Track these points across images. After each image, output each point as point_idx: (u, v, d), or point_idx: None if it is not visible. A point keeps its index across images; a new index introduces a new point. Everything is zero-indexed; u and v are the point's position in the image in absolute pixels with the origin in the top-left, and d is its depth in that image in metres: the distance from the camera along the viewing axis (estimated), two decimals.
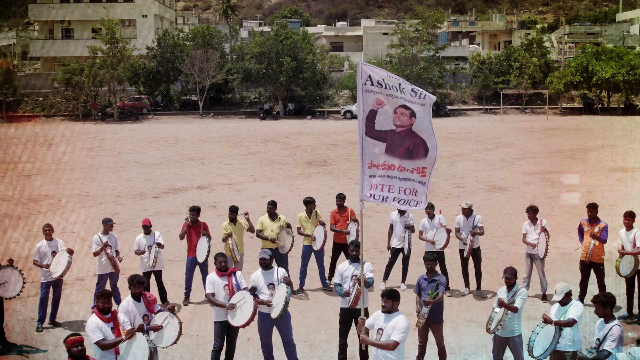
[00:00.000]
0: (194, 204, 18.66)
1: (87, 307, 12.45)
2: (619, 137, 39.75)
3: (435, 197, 21.74)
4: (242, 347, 10.36)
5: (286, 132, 43.89)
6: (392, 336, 7.63)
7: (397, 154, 7.98)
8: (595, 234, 11.89)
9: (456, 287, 13.40)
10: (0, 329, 10.82)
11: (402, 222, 13.04)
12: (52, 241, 11.65)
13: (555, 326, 8.28)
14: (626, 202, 20.20)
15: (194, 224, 12.67)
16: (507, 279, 9.15)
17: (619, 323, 7.82)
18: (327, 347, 10.68)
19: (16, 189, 24.64)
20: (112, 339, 7.82)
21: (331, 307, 12.18)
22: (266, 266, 9.58)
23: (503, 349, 9.26)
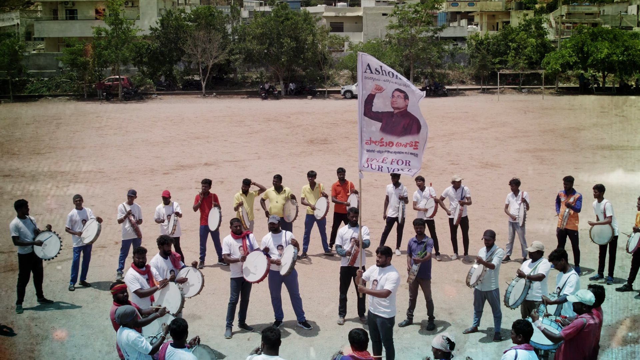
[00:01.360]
0: (200, 181, 20.06)
1: (112, 269, 13.81)
2: (611, 117, 40.97)
3: (430, 173, 23.09)
4: (255, 302, 11.70)
5: (288, 111, 45.06)
6: (385, 286, 8.97)
7: (395, 132, 9.19)
8: (570, 204, 13.22)
9: (445, 252, 14.80)
10: (39, 288, 12.18)
11: (397, 193, 14.38)
12: (82, 210, 12.95)
13: (526, 279, 9.64)
14: (609, 177, 21.57)
15: (206, 195, 13.97)
16: (486, 240, 10.49)
17: (575, 272, 9.16)
18: (329, 302, 12.04)
19: (32, 166, 25.86)
20: (148, 288, 9.19)
21: (332, 270, 13.53)
22: (275, 230, 10.90)
23: (483, 302, 10.62)
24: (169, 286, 9.28)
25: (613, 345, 9.47)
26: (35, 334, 10.91)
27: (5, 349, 8.83)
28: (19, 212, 11.79)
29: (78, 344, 8.94)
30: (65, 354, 9.43)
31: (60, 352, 8.69)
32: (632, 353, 8.77)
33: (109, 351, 9.28)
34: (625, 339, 9.30)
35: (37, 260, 11.93)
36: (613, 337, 9.71)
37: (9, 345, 10.44)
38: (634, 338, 9.40)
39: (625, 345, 9.10)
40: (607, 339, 9.45)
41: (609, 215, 12.83)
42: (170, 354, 6.92)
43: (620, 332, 9.68)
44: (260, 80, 61.19)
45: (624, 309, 10.26)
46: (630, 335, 9.60)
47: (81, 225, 12.82)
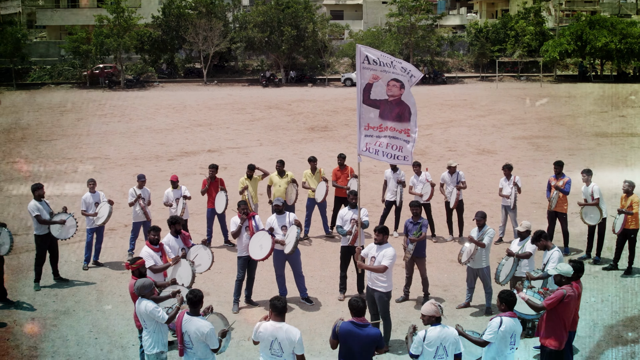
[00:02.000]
0: (205, 166, 20.59)
1: (123, 250, 14.50)
2: (607, 105, 41.52)
3: (428, 160, 23.73)
4: (260, 280, 12.37)
5: (288, 99, 45.62)
6: (382, 262, 9.63)
7: (389, 118, 9.82)
8: (559, 187, 13.87)
9: (441, 234, 15.48)
10: (55, 267, 12.86)
11: (395, 178, 15.04)
12: (95, 193, 13.61)
13: (515, 257, 10.31)
14: (600, 164, 22.21)
15: (212, 179, 14.62)
16: (477, 220, 11.16)
17: (558, 249, 9.83)
18: (330, 280, 12.73)
19: (40, 152, 26.49)
20: (162, 265, 9.86)
21: (332, 250, 14.21)
22: (279, 211, 11.57)
23: (474, 279, 11.31)
24: (181, 263, 9.98)
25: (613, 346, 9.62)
26: (54, 309, 11.60)
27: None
28: (35, 195, 12.44)
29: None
30: (68, 352, 10.05)
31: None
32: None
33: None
34: (625, 339, 9.50)
35: (53, 240, 12.61)
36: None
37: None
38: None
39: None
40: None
41: (596, 198, 13.47)
42: (187, 321, 7.58)
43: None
44: (261, 68, 61.68)
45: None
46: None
47: (94, 207, 13.48)
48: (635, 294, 10.58)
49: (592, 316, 10.01)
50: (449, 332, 7.37)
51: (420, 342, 7.28)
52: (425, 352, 7.28)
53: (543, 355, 8.43)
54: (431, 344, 7.26)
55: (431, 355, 7.28)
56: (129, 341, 10.31)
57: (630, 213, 12.70)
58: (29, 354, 9.86)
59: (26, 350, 10.00)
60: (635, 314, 10.31)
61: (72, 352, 10.00)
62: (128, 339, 10.40)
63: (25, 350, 9.88)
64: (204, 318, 7.65)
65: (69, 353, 9.96)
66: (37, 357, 9.84)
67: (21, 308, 11.66)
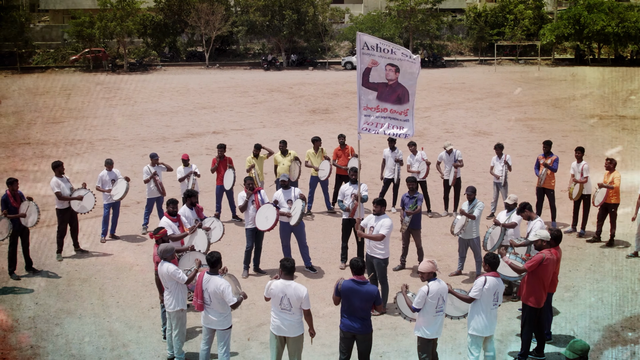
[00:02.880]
0: (211, 147, 21.46)
1: (137, 225, 15.44)
2: (603, 87, 42.30)
3: (426, 141, 24.60)
4: (267, 251, 13.30)
5: (290, 82, 46.38)
6: (380, 231, 10.56)
7: (389, 100, 10.66)
8: (547, 164, 14.77)
9: (436, 210, 16.40)
10: (75, 239, 13.79)
11: (393, 156, 15.93)
12: (112, 171, 14.52)
13: (502, 227, 11.24)
14: (592, 144, 23.05)
15: (221, 158, 15.51)
16: (468, 195, 12.07)
17: (540, 220, 10.75)
18: (332, 252, 13.67)
19: (50, 134, 27.34)
20: (179, 234, 10.79)
21: (334, 225, 15.13)
22: (285, 186, 12.48)
23: (465, 248, 12.25)
24: (197, 232, 10.93)
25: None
26: (76, 277, 12.55)
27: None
28: (56, 172, 13.32)
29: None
30: (94, 312, 10.94)
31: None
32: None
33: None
34: (625, 339, 9.60)
35: (73, 214, 13.53)
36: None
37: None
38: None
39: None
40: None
41: (585, 176, 14.35)
42: (207, 280, 8.51)
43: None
44: (262, 51, 62.39)
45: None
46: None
47: (110, 184, 14.39)
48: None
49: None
50: (443, 285, 8.40)
51: (424, 296, 8.22)
52: (428, 304, 8.22)
53: (524, 313, 9.36)
54: (433, 296, 8.22)
55: (433, 307, 8.24)
56: (149, 303, 11.27)
57: (611, 187, 13.60)
58: (33, 352, 10.69)
59: (29, 350, 10.83)
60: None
61: (98, 313, 10.95)
62: (148, 301, 11.36)
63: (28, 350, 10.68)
64: (221, 277, 8.58)
65: (95, 313, 10.92)
66: (58, 326, 10.79)
67: (46, 276, 12.61)
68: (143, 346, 9.90)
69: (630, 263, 13.07)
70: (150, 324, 10.59)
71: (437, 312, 8.31)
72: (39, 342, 10.02)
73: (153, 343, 9.98)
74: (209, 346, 8.89)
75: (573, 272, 12.59)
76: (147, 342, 10.01)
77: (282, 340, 8.41)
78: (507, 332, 10.26)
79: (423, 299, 8.24)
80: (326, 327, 10.28)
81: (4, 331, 10.40)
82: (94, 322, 10.66)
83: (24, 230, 12.47)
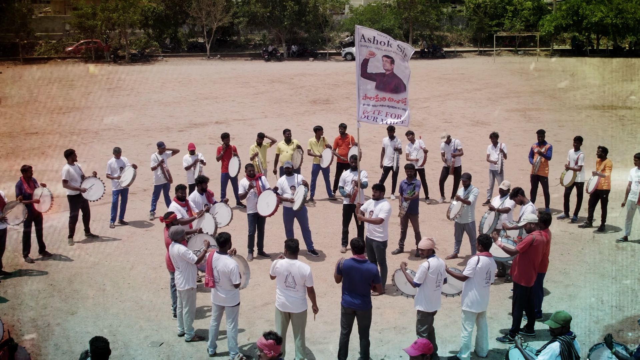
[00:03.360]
0: (214, 137, 21.92)
1: (144, 211, 15.98)
2: (600, 78, 42.71)
3: (425, 131, 25.11)
4: (270, 235, 13.82)
5: (290, 73, 46.81)
6: (379, 215, 11.09)
7: (387, 89, 11.18)
8: (542, 152, 15.28)
9: (434, 197, 16.94)
10: (87, 225, 14.33)
11: (392, 145, 16.45)
12: (120, 159, 15.04)
13: (496, 212, 11.77)
14: (587, 134, 23.51)
15: (226, 147, 16.02)
16: (463, 181, 12.60)
17: (532, 204, 11.29)
18: (333, 236, 14.22)
19: (56, 124, 27.82)
20: (187, 218, 11.32)
21: (335, 211, 15.66)
22: (289, 173, 13.01)
23: (461, 233, 12.78)
24: (205, 216, 11.47)
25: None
26: (87, 260, 13.10)
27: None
28: (68, 160, 13.83)
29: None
30: (105, 294, 11.44)
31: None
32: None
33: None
34: (625, 339, 9.66)
35: (84, 201, 14.05)
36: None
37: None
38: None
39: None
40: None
41: (580, 165, 14.88)
42: (216, 259, 9.04)
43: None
44: (263, 42, 62.77)
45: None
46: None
47: (119, 172, 14.91)
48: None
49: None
50: (442, 262, 8.98)
51: (425, 272, 8.77)
52: (429, 279, 8.78)
53: (516, 292, 9.89)
54: (433, 272, 8.77)
55: (433, 282, 8.80)
56: (159, 285, 11.83)
57: (603, 175, 14.12)
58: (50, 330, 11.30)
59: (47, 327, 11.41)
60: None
61: (109, 294, 11.50)
62: (157, 282, 11.92)
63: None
64: (230, 257, 9.11)
65: (106, 295, 11.47)
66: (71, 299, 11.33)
67: (59, 259, 13.15)
68: (154, 324, 10.44)
69: (620, 247, 13.63)
70: (161, 304, 11.13)
71: (437, 286, 8.87)
72: (55, 320, 10.56)
73: (164, 321, 10.52)
74: (218, 322, 9.43)
75: (565, 255, 13.14)
76: (159, 320, 10.55)
77: (287, 316, 8.95)
78: (499, 311, 10.81)
79: (424, 275, 8.78)
80: (328, 306, 10.81)
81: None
82: (108, 302, 11.20)
83: (37, 216, 12.99)
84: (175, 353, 9.58)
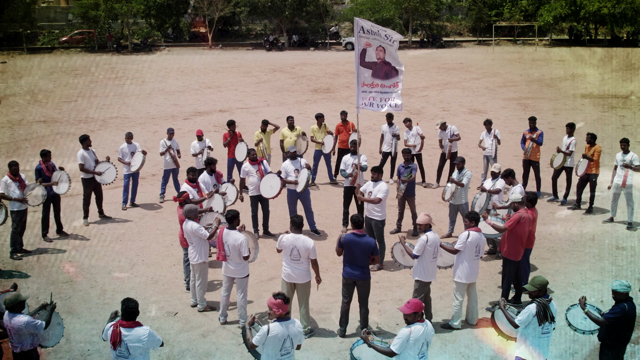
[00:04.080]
0: (218, 125, 22.64)
1: (154, 195, 16.75)
2: (597, 67, 43.37)
3: (423, 119, 25.80)
4: (275, 217, 14.60)
5: (292, 62, 47.46)
6: (377, 195, 11.87)
7: (379, 76, 11.96)
8: (533, 138, 16.03)
9: (430, 181, 17.72)
10: (100, 206, 15.10)
11: (391, 131, 17.19)
12: (131, 144, 15.79)
13: (487, 193, 12.53)
14: (580, 121, 24.24)
15: (232, 133, 16.75)
16: (457, 164, 13.37)
17: (520, 185, 12.06)
18: (334, 217, 15.00)
19: (63, 112, 28.53)
20: (198, 198, 12.09)
21: (336, 194, 16.42)
22: (293, 157, 13.77)
23: (455, 213, 13.56)
24: (215, 196, 12.27)
25: None
26: (102, 239, 13.89)
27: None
28: (83, 145, 14.58)
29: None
30: (104, 300, 12.21)
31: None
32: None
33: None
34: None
35: (98, 184, 14.81)
36: None
37: None
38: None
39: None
40: None
41: (570, 150, 15.62)
42: (227, 234, 9.81)
43: None
44: (264, 32, 63.37)
45: None
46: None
47: (130, 156, 15.67)
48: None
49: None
50: (437, 236, 9.78)
51: (424, 244, 9.56)
52: (427, 251, 9.56)
53: (505, 266, 10.67)
54: (431, 244, 9.56)
55: (430, 254, 9.59)
56: (171, 261, 12.63)
57: (591, 160, 14.87)
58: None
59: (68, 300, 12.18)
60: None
61: (125, 270, 12.30)
62: (169, 259, 12.73)
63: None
64: (239, 232, 9.89)
65: (122, 270, 12.27)
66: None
67: (75, 239, 13.94)
68: (169, 296, 11.24)
69: (607, 226, 14.43)
70: (174, 278, 11.93)
71: (433, 258, 9.66)
72: (76, 293, 11.36)
73: (178, 293, 11.33)
74: (229, 293, 10.22)
75: (553, 234, 13.93)
76: (173, 293, 11.36)
77: (292, 287, 9.74)
78: (489, 284, 11.61)
79: (422, 247, 9.57)
80: (329, 280, 11.59)
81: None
82: (124, 278, 12.00)
83: (55, 197, 13.76)
84: (190, 321, 10.39)
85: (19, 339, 7.81)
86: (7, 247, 13.06)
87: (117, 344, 7.14)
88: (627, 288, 7.75)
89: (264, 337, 7.10)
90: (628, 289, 7.75)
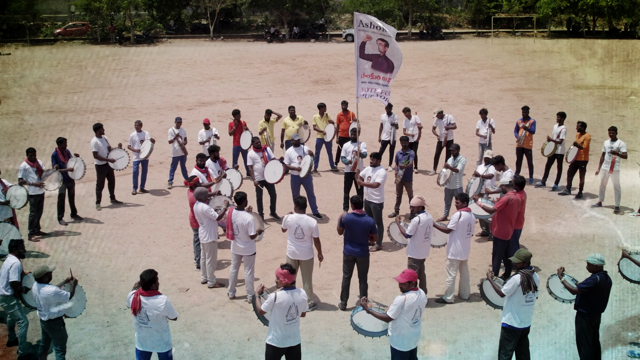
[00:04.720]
0: (222, 115, 23.31)
1: (162, 181, 17.47)
2: (594, 59, 43.97)
3: (421, 108, 26.49)
4: (279, 202, 15.31)
5: (293, 54, 48.06)
6: (375, 179, 12.59)
7: (381, 69, 12.62)
8: (526, 127, 16.72)
9: (427, 168, 18.44)
10: (112, 192, 15.82)
11: (390, 121, 17.89)
12: (141, 132, 16.50)
13: (480, 178, 13.25)
14: (574, 111, 24.92)
15: (237, 122, 17.46)
16: (452, 151, 14.07)
17: (511, 170, 12.79)
18: (335, 202, 15.73)
19: (70, 103, 29.20)
20: (206, 182, 12.82)
21: (337, 181, 17.14)
22: (296, 144, 14.48)
23: (450, 198, 14.27)
24: (222, 181, 13.01)
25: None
26: (115, 223, 14.62)
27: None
28: (96, 133, 15.28)
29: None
30: (134, 250, 12.98)
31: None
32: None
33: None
34: (625, 339, 9.91)
35: (110, 170, 15.52)
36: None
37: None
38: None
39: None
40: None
41: (561, 138, 16.31)
42: (235, 215, 10.52)
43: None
44: (265, 24, 63.94)
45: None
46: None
47: (139, 144, 16.38)
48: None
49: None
50: (430, 217, 10.47)
51: (416, 225, 10.26)
52: (419, 231, 10.26)
53: (495, 245, 11.40)
54: (423, 225, 10.26)
55: (422, 234, 10.29)
56: (181, 243, 13.37)
57: (581, 147, 15.56)
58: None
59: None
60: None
61: (138, 250, 13.04)
62: (179, 241, 13.46)
63: None
64: (247, 213, 10.61)
65: (135, 250, 13.00)
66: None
67: (90, 222, 14.67)
68: (180, 274, 11.98)
69: (595, 211, 15.16)
70: (184, 258, 12.66)
71: (426, 238, 10.37)
72: (92, 270, 12.10)
73: (189, 272, 12.06)
74: (237, 270, 10.95)
75: (543, 218, 14.66)
76: (184, 271, 12.09)
77: (296, 264, 10.46)
78: (482, 263, 12.33)
79: (415, 227, 10.28)
80: (331, 259, 12.33)
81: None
82: (137, 257, 12.74)
83: (70, 182, 14.48)
84: (201, 296, 11.13)
85: (47, 308, 8.53)
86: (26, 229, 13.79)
87: (137, 310, 7.85)
88: (600, 261, 8.49)
89: (272, 304, 7.81)
90: (601, 262, 8.49)
